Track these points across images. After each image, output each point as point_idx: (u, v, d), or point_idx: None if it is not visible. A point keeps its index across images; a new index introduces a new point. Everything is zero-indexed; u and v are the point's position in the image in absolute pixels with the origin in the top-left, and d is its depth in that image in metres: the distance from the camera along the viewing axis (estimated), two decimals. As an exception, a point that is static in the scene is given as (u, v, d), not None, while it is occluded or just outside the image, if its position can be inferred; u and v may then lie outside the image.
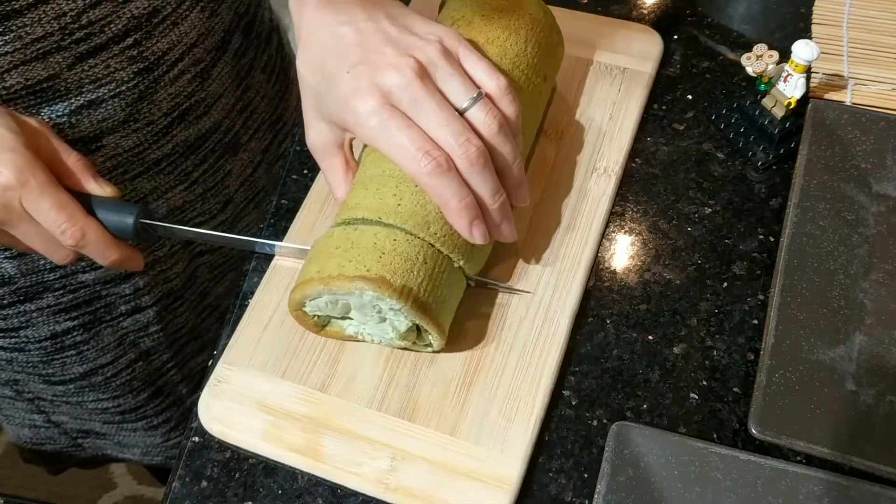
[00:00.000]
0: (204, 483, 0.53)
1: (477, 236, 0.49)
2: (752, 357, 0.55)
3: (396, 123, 0.48)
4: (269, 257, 0.61)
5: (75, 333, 0.74)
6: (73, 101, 0.59)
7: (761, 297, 0.57)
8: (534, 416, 0.52)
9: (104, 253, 0.53)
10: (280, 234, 0.62)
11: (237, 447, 0.53)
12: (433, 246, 0.50)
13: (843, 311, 0.55)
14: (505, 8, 0.57)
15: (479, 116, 0.49)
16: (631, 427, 0.51)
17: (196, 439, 0.54)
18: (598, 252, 0.59)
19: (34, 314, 0.70)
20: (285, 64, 0.83)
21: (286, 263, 0.59)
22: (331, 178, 0.56)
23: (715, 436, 0.52)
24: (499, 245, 0.57)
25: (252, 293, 0.59)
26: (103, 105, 0.61)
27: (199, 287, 0.82)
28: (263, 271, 0.60)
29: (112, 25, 0.58)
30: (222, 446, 0.54)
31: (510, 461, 0.50)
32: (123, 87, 0.61)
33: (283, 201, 0.63)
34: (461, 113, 0.49)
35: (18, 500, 1.29)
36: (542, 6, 0.60)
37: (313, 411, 0.53)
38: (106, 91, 0.60)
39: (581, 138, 0.63)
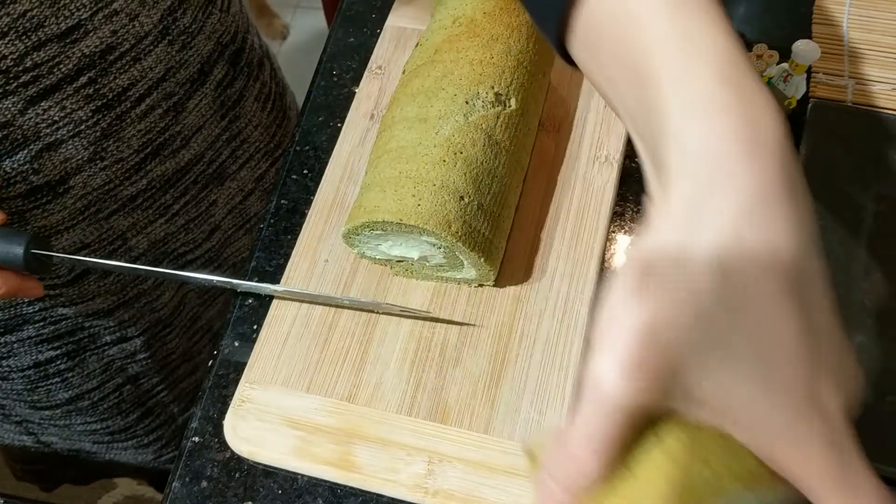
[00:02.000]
0: (204, 483, 0.53)
1: None
2: (753, 357, 0.55)
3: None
4: (273, 255, 0.61)
5: (59, 362, 0.72)
6: (31, 147, 0.56)
7: (761, 297, 0.57)
8: (565, 407, 0.52)
9: None
10: (280, 234, 0.62)
11: (268, 466, 0.53)
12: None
13: (843, 311, 0.55)
14: (504, 6, 0.57)
15: None
16: (631, 427, 0.50)
17: (196, 439, 0.54)
18: (608, 239, 0.59)
19: (15, 345, 0.69)
20: (280, 89, 0.79)
21: (298, 275, 0.58)
22: (595, 434, 0.29)
23: (715, 436, 0.52)
24: (513, 240, 0.57)
25: (251, 294, 0.59)
26: (63, 146, 0.58)
27: (189, 312, 0.80)
28: (265, 271, 0.60)
29: (61, 66, 0.54)
30: (222, 446, 0.54)
31: None
32: (83, 127, 0.58)
33: (283, 201, 0.63)
34: None
35: (18, 500, 1.29)
36: None
37: (342, 422, 0.53)
38: (65, 132, 0.57)
39: (579, 129, 0.63)
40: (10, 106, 0.54)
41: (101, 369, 0.75)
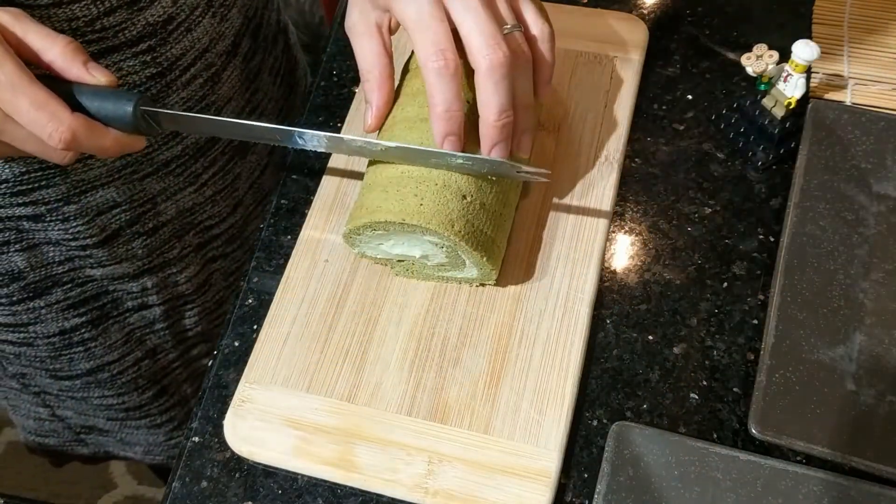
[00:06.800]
0: (204, 483, 0.53)
1: (447, 148, 0.50)
2: (752, 357, 0.55)
3: (435, 15, 0.48)
4: (273, 255, 0.61)
5: (83, 330, 0.74)
6: None
7: (761, 297, 0.57)
8: (565, 407, 0.52)
9: (100, 147, 0.49)
10: (280, 234, 0.62)
11: (268, 466, 0.53)
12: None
13: (843, 311, 0.55)
14: None
15: (513, 43, 0.49)
16: (631, 427, 0.51)
17: (196, 439, 0.54)
18: (608, 239, 0.59)
19: (43, 310, 0.71)
20: (291, 65, 0.83)
21: (298, 274, 0.58)
22: (363, 57, 0.53)
23: (715, 436, 0.52)
24: (513, 239, 0.57)
25: (252, 291, 0.59)
26: None
27: (215, 295, 0.82)
28: (265, 271, 0.60)
29: (126, 31, 0.57)
30: (222, 446, 0.54)
31: (546, 454, 0.51)
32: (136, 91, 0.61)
33: (283, 201, 0.63)
34: None
35: (18, 499, 1.29)
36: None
37: (342, 422, 0.53)
38: None
39: (579, 129, 0.63)
40: None
41: (122, 340, 0.78)
